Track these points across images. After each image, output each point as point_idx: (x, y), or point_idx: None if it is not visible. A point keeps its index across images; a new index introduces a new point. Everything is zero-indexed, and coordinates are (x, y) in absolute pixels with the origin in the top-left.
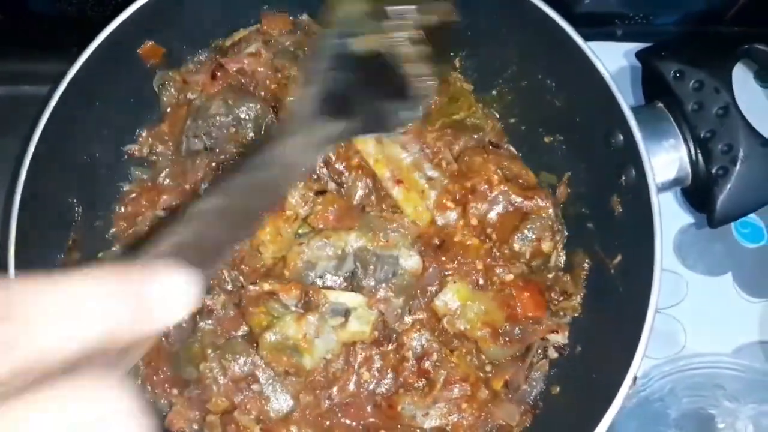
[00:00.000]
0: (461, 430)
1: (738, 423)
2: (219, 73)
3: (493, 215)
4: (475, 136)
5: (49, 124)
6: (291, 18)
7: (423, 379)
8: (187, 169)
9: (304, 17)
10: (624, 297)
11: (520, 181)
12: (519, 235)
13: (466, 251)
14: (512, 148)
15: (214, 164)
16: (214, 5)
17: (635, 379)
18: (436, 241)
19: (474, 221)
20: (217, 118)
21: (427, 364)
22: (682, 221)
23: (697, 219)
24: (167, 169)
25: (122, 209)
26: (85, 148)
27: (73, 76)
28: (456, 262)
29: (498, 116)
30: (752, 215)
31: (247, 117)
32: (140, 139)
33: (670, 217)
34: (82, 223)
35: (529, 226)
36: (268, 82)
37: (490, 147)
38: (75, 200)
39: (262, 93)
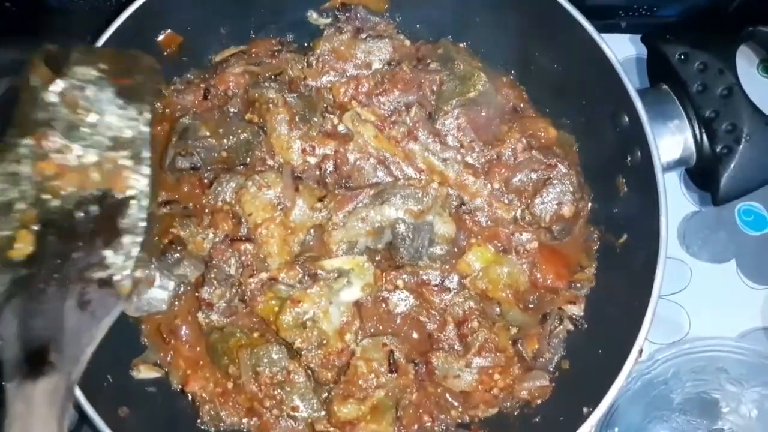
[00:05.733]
0: (478, 401)
1: (742, 407)
2: (211, 93)
3: (516, 181)
4: (494, 108)
5: None
6: (278, 39)
7: (460, 343)
8: (168, 182)
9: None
10: (630, 274)
11: (541, 135)
12: (539, 199)
13: (494, 216)
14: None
15: (206, 181)
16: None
17: (641, 351)
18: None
19: (498, 187)
20: (208, 140)
21: (465, 330)
22: (686, 209)
23: (702, 207)
24: None
25: None
26: None
27: None
28: (478, 226)
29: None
30: (756, 203)
31: (237, 141)
32: None
33: (674, 205)
34: None
35: (549, 190)
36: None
37: (514, 111)
38: None
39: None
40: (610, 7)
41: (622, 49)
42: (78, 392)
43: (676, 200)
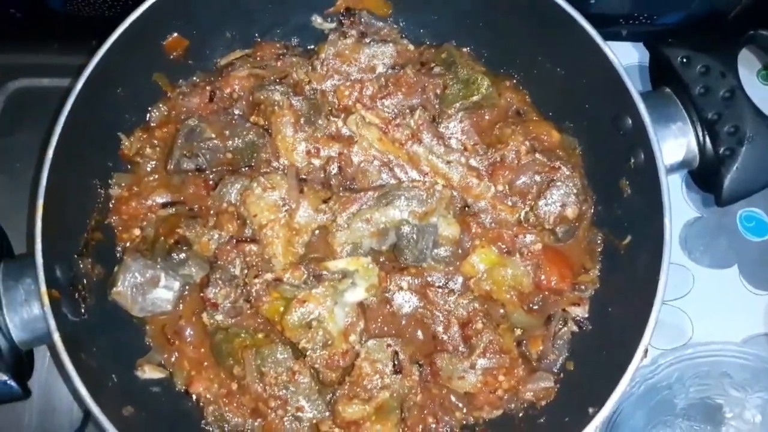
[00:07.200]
0: (483, 402)
1: (746, 412)
2: (216, 95)
3: (520, 183)
4: (497, 111)
5: (73, 109)
6: (283, 42)
7: (465, 344)
8: (173, 183)
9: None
10: (634, 276)
11: (544, 138)
12: (543, 201)
13: (498, 219)
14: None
15: (211, 183)
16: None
17: (646, 352)
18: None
19: (502, 189)
20: (214, 142)
21: (470, 331)
22: (688, 215)
23: (703, 213)
24: (149, 178)
25: (115, 218)
26: (106, 132)
27: (96, 64)
28: (482, 228)
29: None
30: (757, 209)
31: (242, 143)
32: (132, 137)
33: (676, 211)
34: (104, 205)
35: (553, 192)
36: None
37: (517, 115)
38: (97, 182)
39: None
40: (611, 15)
41: (623, 57)
42: (83, 391)
43: (677, 206)
